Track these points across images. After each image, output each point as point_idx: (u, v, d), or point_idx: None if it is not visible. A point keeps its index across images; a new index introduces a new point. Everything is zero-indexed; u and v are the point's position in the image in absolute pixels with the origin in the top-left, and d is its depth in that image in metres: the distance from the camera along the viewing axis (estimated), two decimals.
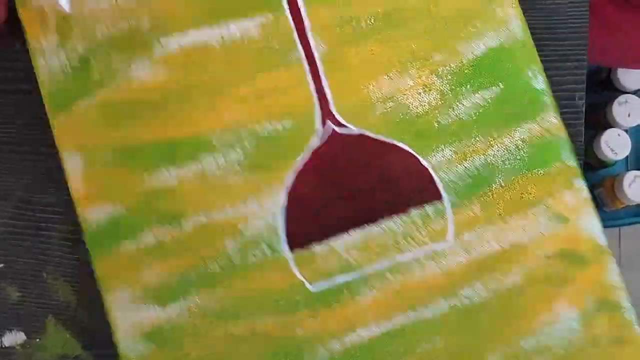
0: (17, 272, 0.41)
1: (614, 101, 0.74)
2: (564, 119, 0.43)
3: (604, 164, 0.77)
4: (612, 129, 0.74)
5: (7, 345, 0.40)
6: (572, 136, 0.43)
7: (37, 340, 0.40)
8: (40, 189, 0.42)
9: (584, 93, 0.45)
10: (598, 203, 0.78)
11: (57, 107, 0.41)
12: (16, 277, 0.41)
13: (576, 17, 0.45)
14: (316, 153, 0.42)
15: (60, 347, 0.41)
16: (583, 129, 0.45)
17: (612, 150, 0.74)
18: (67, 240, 0.41)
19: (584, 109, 0.45)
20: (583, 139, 0.46)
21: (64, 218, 0.41)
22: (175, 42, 0.42)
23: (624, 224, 0.80)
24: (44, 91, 0.41)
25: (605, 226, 0.42)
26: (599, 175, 0.79)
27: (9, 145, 0.43)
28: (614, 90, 0.77)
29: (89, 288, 0.36)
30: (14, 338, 0.40)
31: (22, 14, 0.41)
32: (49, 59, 0.41)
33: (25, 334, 0.41)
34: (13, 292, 0.41)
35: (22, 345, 0.40)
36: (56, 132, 0.41)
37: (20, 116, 0.43)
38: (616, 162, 0.77)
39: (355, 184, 0.41)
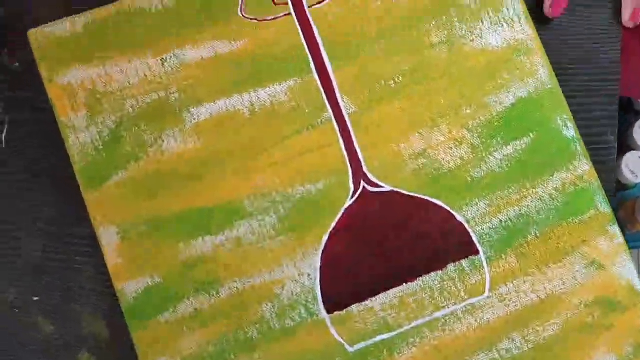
0: (50, 305, 0.41)
1: (634, 124, 0.74)
2: (596, 156, 0.42)
3: (624, 187, 0.76)
4: (633, 151, 0.74)
5: None
6: (605, 172, 0.43)
7: None
8: (72, 221, 0.42)
9: (616, 128, 0.45)
10: (619, 225, 0.77)
11: (90, 184, 0.41)
12: (50, 310, 0.41)
13: (608, 51, 0.44)
14: (349, 212, 0.42)
15: None
16: (616, 166, 0.45)
17: (633, 173, 0.73)
18: (101, 273, 0.41)
19: (616, 145, 0.45)
20: (615, 181, 0.45)
21: (98, 251, 0.41)
22: (205, 112, 0.42)
23: None
24: (76, 168, 0.41)
25: None
26: (619, 198, 0.78)
27: (32, 173, 0.42)
28: (634, 113, 0.76)
29: (122, 321, 0.35)
30: None
31: (51, 90, 0.41)
32: (79, 135, 0.41)
33: None
34: (47, 325, 0.41)
35: None
36: (90, 208, 0.41)
37: (35, 144, 0.43)
38: (637, 184, 0.76)
39: (390, 241, 0.41)
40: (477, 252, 0.42)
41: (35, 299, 0.41)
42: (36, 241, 0.41)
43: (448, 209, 0.42)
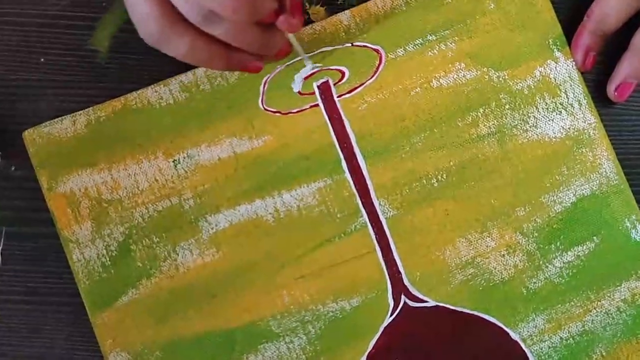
0: None
1: None
2: None
3: None
4: None
5: None
6: None
7: None
8: (79, 346, 0.38)
9: None
10: None
11: (98, 305, 0.36)
12: None
13: None
14: (389, 331, 0.37)
15: None
16: None
17: None
18: None
19: None
20: None
21: None
22: (224, 219, 0.37)
23: None
24: (81, 287, 0.36)
25: None
26: None
27: (31, 294, 0.38)
28: None
29: None
30: None
31: (50, 200, 0.37)
32: (84, 251, 0.37)
33: None
34: None
35: None
36: (98, 332, 0.36)
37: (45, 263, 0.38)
38: None
39: None
40: None
41: None
42: None
43: (501, 325, 0.37)
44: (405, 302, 0.37)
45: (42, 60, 0.38)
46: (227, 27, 0.31)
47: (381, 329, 0.37)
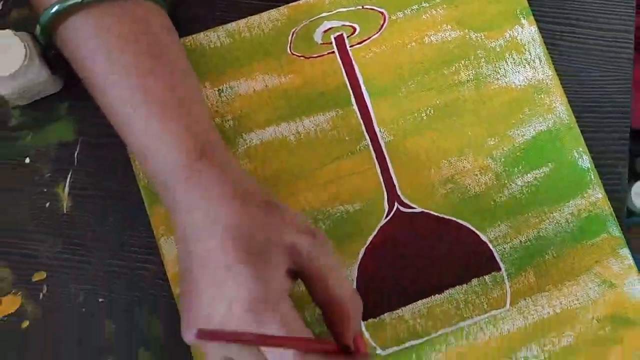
0: (114, 307, 0.46)
1: None
2: (608, 185, 0.47)
3: (633, 213, 0.81)
4: None
5: None
6: (616, 201, 0.47)
7: None
8: (134, 231, 0.46)
9: (627, 161, 0.49)
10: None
11: (154, 200, 0.46)
12: (113, 311, 0.46)
13: (620, 93, 0.49)
14: (383, 231, 0.46)
15: None
16: (627, 195, 0.49)
17: None
18: (159, 279, 0.46)
19: (627, 177, 0.49)
20: (626, 208, 0.49)
21: (157, 258, 0.46)
22: (256, 138, 0.47)
23: None
24: (141, 185, 0.46)
25: None
26: (628, 224, 0.82)
27: (100, 189, 0.47)
28: None
29: (178, 324, 0.39)
30: None
31: None
32: None
33: None
34: (109, 325, 0.45)
35: None
36: (153, 220, 0.45)
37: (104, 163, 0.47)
38: None
39: (420, 257, 0.46)
40: (499, 269, 0.46)
41: (101, 300, 0.45)
42: (104, 249, 0.46)
43: (473, 229, 0.46)
44: (397, 208, 0.46)
45: None
46: None
47: (377, 228, 0.46)
